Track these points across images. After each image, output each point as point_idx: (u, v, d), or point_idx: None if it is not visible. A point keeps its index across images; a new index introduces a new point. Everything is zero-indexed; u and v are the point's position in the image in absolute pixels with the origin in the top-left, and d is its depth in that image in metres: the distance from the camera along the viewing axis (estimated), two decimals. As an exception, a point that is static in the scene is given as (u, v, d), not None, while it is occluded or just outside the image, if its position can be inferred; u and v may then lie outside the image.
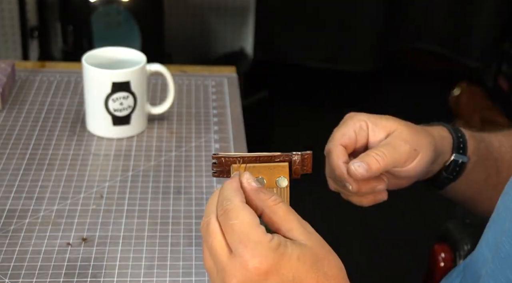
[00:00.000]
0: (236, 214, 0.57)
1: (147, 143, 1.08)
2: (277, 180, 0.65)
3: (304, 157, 0.66)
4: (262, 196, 0.60)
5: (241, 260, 0.55)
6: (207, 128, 1.13)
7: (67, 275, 0.80)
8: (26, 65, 1.34)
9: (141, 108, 1.09)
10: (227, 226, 0.57)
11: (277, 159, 0.66)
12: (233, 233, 0.57)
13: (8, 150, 1.04)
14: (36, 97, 1.19)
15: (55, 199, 0.93)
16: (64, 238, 0.86)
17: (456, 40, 3.05)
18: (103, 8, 2.24)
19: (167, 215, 0.92)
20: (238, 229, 0.56)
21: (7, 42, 2.67)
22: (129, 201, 0.94)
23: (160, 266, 0.82)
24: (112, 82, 1.05)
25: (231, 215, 0.57)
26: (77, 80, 1.25)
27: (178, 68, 1.32)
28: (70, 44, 2.31)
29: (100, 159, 1.03)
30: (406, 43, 3.15)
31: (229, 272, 0.56)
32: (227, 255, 0.57)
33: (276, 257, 0.55)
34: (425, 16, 3.06)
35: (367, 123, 0.79)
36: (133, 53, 1.11)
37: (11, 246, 0.84)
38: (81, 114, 1.14)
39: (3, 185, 0.96)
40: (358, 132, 0.79)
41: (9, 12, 2.62)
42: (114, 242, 0.86)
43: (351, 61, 3.07)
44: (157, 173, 1.01)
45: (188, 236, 0.88)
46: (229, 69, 1.34)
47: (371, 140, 0.79)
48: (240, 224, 0.57)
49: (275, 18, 2.99)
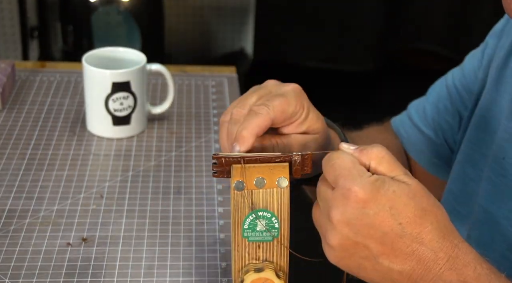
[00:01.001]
0: (337, 155, 0.62)
1: (147, 143, 1.08)
2: (277, 180, 0.65)
3: (305, 157, 0.66)
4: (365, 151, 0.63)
5: (342, 191, 0.59)
6: (207, 128, 1.13)
7: (67, 275, 0.80)
8: (26, 65, 1.34)
9: (141, 108, 1.09)
10: (328, 166, 0.62)
11: (278, 159, 0.66)
12: (334, 171, 0.61)
13: (8, 150, 1.04)
14: (36, 97, 1.19)
15: (55, 199, 0.93)
16: (64, 238, 0.86)
17: (456, 40, 3.05)
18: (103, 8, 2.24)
19: (167, 215, 0.92)
20: (338, 167, 0.61)
21: (7, 42, 2.67)
22: (129, 201, 0.94)
23: (160, 266, 0.82)
24: (112, 82, 1.05)
25: (332, 156, 0.62)
26: (77, 80, 1.25)
27: (178, 68, 1.32)
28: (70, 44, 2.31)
29: (100, 159, 1.03)
30: (406, 43, 3.15)
31: (332, 205, 0.60)
32: (330, 191, 0.61)
33: (374, 189, 0.59)
34: (425, 16, 3.06)
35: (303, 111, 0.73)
36: (133, 53, 1.11)
37: (11, 246, 0.84)
38: (81, 114, 1.14)
39: (3, 185, 0.96)
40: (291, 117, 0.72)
41: (9, 12, 2.62)
42: (114, 242, 0.86)
43: (351, 61, 3.07)
44: (157, 173, 1.01)
45: (188, 236, 0.88)
46: (229, 69, 1.34)
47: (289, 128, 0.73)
48: (341, 162, 0.61)
49: (275, 18, 2.99)
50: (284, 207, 0.66)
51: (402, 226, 0.59)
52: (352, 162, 0.61)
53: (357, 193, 0.58)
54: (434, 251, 0.59)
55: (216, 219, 0.91)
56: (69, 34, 2.29)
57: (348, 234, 0.59)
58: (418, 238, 0.59)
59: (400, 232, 0.59)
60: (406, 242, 0.59)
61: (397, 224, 0.59)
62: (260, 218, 0.66)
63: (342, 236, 0.60)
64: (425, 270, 0.59)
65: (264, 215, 0.66)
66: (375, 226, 0.59)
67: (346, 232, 0.59)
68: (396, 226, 0.59)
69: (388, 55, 3.11)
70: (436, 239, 0.59)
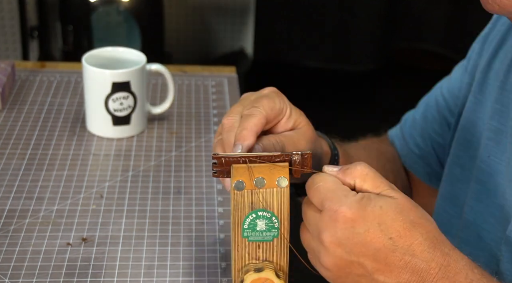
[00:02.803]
0: (320, 178, 0.63)
1: (147, 143, 1.08)
2: (277, 180, 0.65)
3: (304, 157, 0.66)
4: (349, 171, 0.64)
5: (329, 213, 0.60)
6: (207, 128, 1.13)
7: (67, 275, 0.80)
8: (26, 65, 1.34)
9: (141, 108, 1.09)
10: (313, 190, 0.63)
11: (277, 159, 0.66)
12: (319, 194, 0.62)
13: (8, 150, 1.04)
14: (36, 97, 1.19)
15: (55, 199, 0.93)
16: (64, 238, 0.86)
17: (456, 40, 3.05)
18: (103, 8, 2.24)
19: (167, 215, 0.92)
20: (323, 189, 0.62)
21: (7, 42, 2.67)
22: (129, 201, 0.94)
23: (160, 266, 0.82)
24: (112, 82, 1.05)
25: (316, 180, 0.63)
26: (77, 80, 1.25)
27: (178, 68, 1.32)
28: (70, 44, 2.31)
29: (100, 159, 1.03)
30: (406, 43, 3.15)
31: (322, 228, 0.61)
32: (318, 215, 0.62)
33: (361, 207, 0.60)
34: (425, 16, 3.06)
35: (287, 108, 0.75)
36: (133, 53, 1.11)
37: (11, 246, 0.84)
38: (81, 114, 1.14)
39: (3, 185, 0.96)
40: (279, 115, 0.74)
41: (9, 12, 2.62)
42: (114, 242, 0.86)
43: (351, 61, 3.07)
44: (157, 173, 1.01)
45: (188, 236, 0.88)
46: (229, 69, 1.34)
47: (278, 127, 0.75)
48: (325, 184, 0.62)
49: (275, 18, 2.99)
50: (284, 207, 0.66)
51: (393, 240, 0.60)
52: (336, 184, 0.62)
53: (345, 213, 0.60)
54: (426, 261, 0.60)
55: (216, 219, 0.91)
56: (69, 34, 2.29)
57: (341, 254, 0.61)
58: (409, 250, 0.60)
59: (392, 247, 0.60)
60: (399, 255, 0.60)
61: (387, 239, 0.60)
62: (260, 218, 0.66)
63: (335, 257, 0.61)
64: (419, 280, 0.60)
65: (264, 215, 0.66)
66: (366, 243, 0.60)
67: (339, 253, 0.61)
68: (387, 241, 0.60)
69: (388, 55, 3.11)
70: (427, 250, 0.60)
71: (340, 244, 0.60)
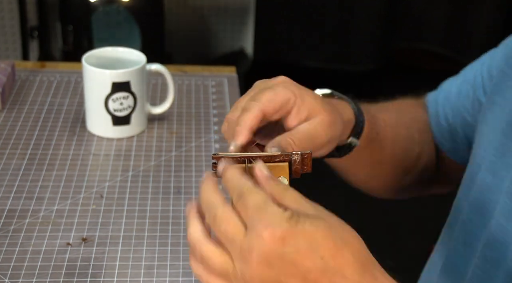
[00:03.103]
0: (248, 192, 0.58)
1: (147, 143, 1.08)
2: (277, 180, 0.65)
3: (304, 156, 0.66)
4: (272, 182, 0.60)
5: (257, 231, 0.56)
6: (207, 128, 1.13)
7: (67, 275, 0.80)
8: (26, 65, 1.34)
9: (141, 108, 1.09)
10: (239, 204, 0.58)
11: (277, 158, 0.66)
12: (246, 211, 0.57)
13: (8, 150, 1.04)
14: (36, 97, 1.19)
15: (55, 199, 0.93)
16: (64, 238, 0.86)
17: (456, 40, 3.05)
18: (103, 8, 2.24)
19: (167, 215, 0.92)
20: (250, 207, 0.57)
21: (7, 42, 2.67)
22: (129, 201, 0.94)
23: (160, 266, 0.82)
24: (112, 82, 1.05)
25: (243, 193, 0.58)
26: (77, 80, 1.25)
27: (178, 68, 1.32)
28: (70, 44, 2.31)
29: (100, 159, 1.03)
30: (406, 43, 3.15)
31: (248, 247, 0.56)
32: (243, 233, 0.57)
33: (289, 226, 0.56)
34: (425, 16, 3.06)
35: (296, 98, 0.72)
36: (133, 53, 1.11)
37: (11, 246, 0.84)
38: (81, 114, 1.14)
39: (3, 185, 0.96)
40: (284, 106, 0.71)
41: (9, 12, 2.62)
42: (114, 242, 0.86)
43: (351, 61, 3.07)
44: (157, 173, 1.01)
45: (188, 236, 0.88)
46: (229, 69, 1.34)
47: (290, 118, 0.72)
48: (253, 200, 0.57)
49: (275, 18, 2.99)
50: (284, 207, 0.66)
51: (324, 260, 0.56)
52: (264, 201, 0.58)
53: (274, 232, 0.55)
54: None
55: (216, 219, 0.91)
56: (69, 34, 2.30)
57: (269, 275, 0.57)
58: (340, 272, 0.57)
59: (323, 267, 0.56)
60: (329, 276, 0.56)
61: (319, 259, 0.56)
62: None
63: (262, 278, 0.57)
64: None
65: (264, 215, 0.66)
66: (297, 263, 0.56)
67: (268, 273, 0.57)
68: (318, 260, 0.56)
69: (388, 55, 3.11)
70: (358, 272, 0.57)
71: (269, 264, 0.56)
